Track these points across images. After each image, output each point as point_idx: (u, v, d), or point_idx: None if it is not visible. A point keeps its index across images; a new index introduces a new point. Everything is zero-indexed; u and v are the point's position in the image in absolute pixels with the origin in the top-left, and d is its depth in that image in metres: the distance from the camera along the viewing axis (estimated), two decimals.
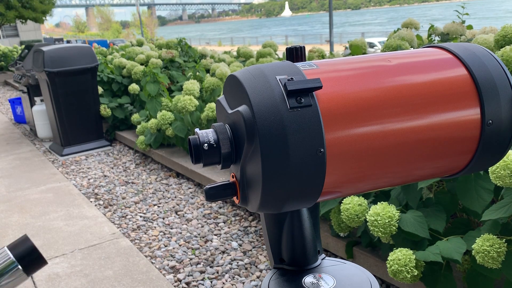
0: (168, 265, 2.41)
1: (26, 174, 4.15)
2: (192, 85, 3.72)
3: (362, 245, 2.09)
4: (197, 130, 0.51)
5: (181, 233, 2.79)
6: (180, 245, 2.64)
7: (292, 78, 0.46)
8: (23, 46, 9.44)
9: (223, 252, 2.52)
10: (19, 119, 6.52)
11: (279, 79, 0.47)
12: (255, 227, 2.77)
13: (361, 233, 2.05)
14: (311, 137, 0.45)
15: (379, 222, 1.60)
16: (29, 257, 0.33)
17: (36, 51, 4.57)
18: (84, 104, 4.72)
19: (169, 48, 5.79)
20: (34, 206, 3.34)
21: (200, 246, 2.61)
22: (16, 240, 0.34)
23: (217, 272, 2.32)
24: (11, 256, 0.33)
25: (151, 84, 4.40)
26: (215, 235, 2.72)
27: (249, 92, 0.46)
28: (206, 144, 0.49)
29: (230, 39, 42.82)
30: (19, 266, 0.34)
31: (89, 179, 3.94)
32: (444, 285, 1.61)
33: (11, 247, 0.35)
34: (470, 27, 2.72)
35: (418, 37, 2.70)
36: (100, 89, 5.00)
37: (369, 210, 1.67)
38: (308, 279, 0.58)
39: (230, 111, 0.50)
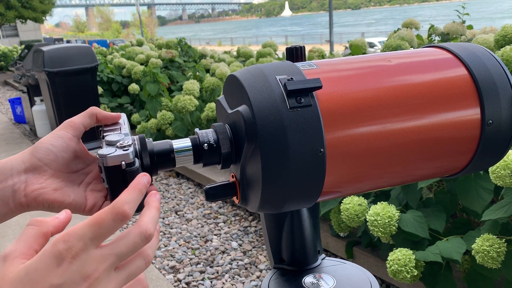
0: (168, 265, 2.41)
1: None
2: (192, 85, 3.72)
3: (362, 245, 2.09)
4: (197, 130, 0.51)
5: (181, 233, 2.79)
6: (180, 245, 2.64)
7: (292, 78, 0.46)
8: (23, 46, 9.44)
9: (223, 252, 2.52)
10: (19, 119, 6.51)
11: (279, 79, 0.47)
12: (255, 227, 2.77)
13: (361, 233, 2.05)
14: (311, 137, 0.45)
15: (379, 222, 1.60)
16: (199, 151, 0.49)
17: (36, 51, 4.56)
18: (84, 104, 4.69)
19: (169, 48, 5.78)
20: None
21: (200, 246, 2.61)
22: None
23: (217, 272, 2.32)
24: (191, 145, 0.49)
25: (151, 84, 4.40)
26: (215, 235, 2.72)
27: (249, 92, 0.46)
28: (206, 144, 0.49)
29: (230, 39, 42.75)
30: (192, 152, 0.49)
31: None
32: (444, 285, 1.61)
33: (192, 138, 0.50)
34: (470, 27, 2.72)
35: (418, 37, 2.70)
36: (100, 89, 5.00)
37: (369, 210, 1.67)
38: (308, 279, 0.57)
39: (230, 111, 0.50)
